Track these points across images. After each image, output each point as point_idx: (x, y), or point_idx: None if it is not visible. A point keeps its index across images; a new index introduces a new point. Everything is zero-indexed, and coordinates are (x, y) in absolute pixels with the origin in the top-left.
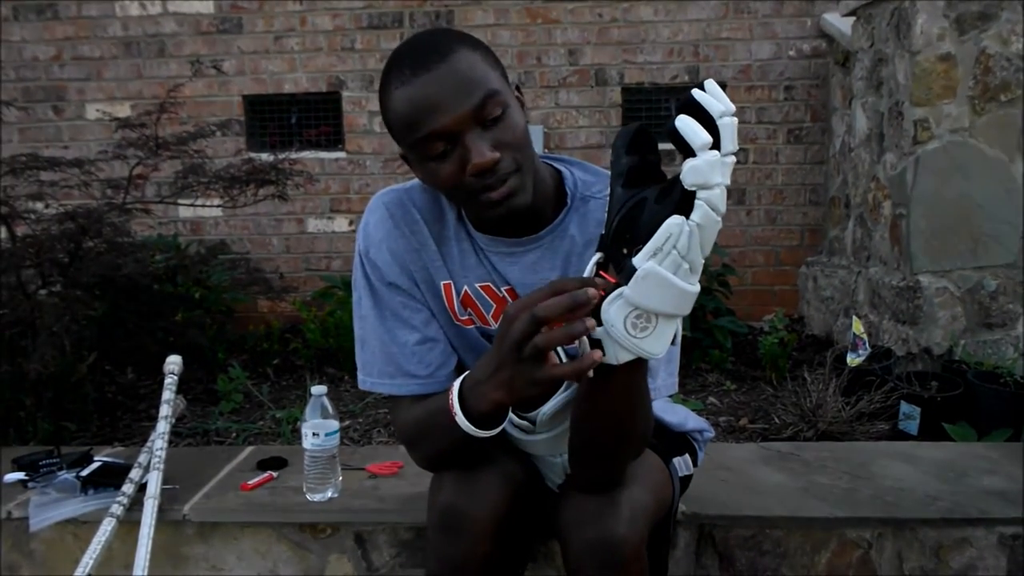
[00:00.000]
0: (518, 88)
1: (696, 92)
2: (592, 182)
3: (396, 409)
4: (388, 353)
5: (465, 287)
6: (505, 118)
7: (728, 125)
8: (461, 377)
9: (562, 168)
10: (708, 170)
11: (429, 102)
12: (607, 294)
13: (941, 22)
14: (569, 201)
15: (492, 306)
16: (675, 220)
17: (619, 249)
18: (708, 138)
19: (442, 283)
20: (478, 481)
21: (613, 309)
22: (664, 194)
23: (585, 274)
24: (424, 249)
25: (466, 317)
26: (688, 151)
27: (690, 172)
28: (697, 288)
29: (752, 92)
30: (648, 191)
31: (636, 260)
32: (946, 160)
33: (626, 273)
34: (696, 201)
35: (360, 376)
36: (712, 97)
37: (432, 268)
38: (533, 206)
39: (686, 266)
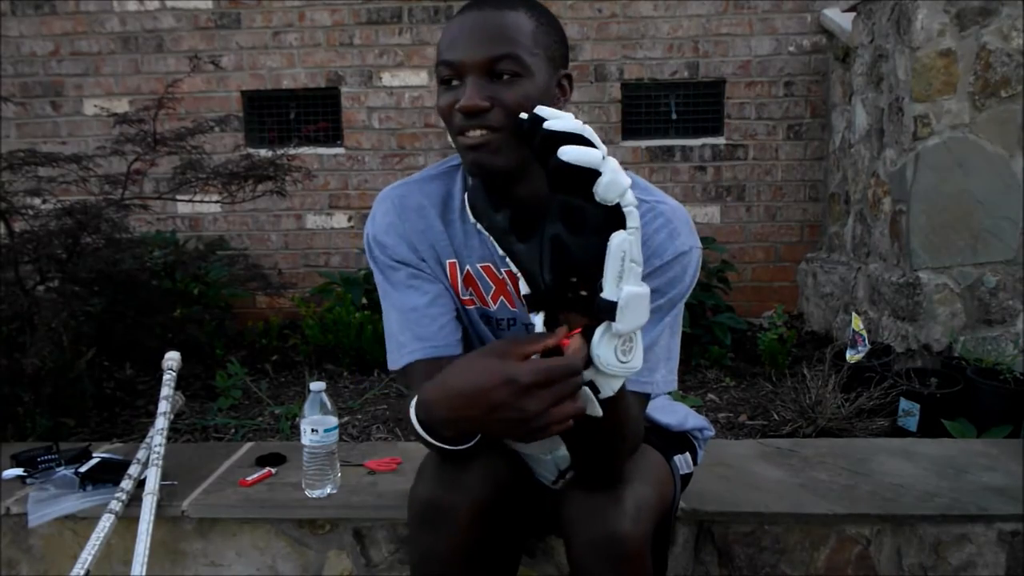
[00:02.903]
0: (568, 77)
1: (548, 121)
2: None
3: (410, 384)
4: (405, 320)
5: (468, 267)
6: (515, 83)
7: (588, 130)
8: (413, 403)
9: None
10: (621, 178)
11: (458, 35)
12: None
13: (941, 17)
14: None
15: (492, 288)
16: (621, 236)
17: (570, 294)
18: (602, 150)
19: (448, 262)
20: (458, 474)
21: (603, 349)
22: (572, 226)
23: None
24: (430, 230)
25: (467, 297)
26: (568, 180)
27: (610, 187)
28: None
29: (752, 88)
30: (546, 232)
31: (607, 294)
32: (946, 156)
33: (602, 310)
34: (625, 209)
35: (389, 360)
36: (554, 118)
37: (438, 247)
38: (540, 192)
39: (639, 270)
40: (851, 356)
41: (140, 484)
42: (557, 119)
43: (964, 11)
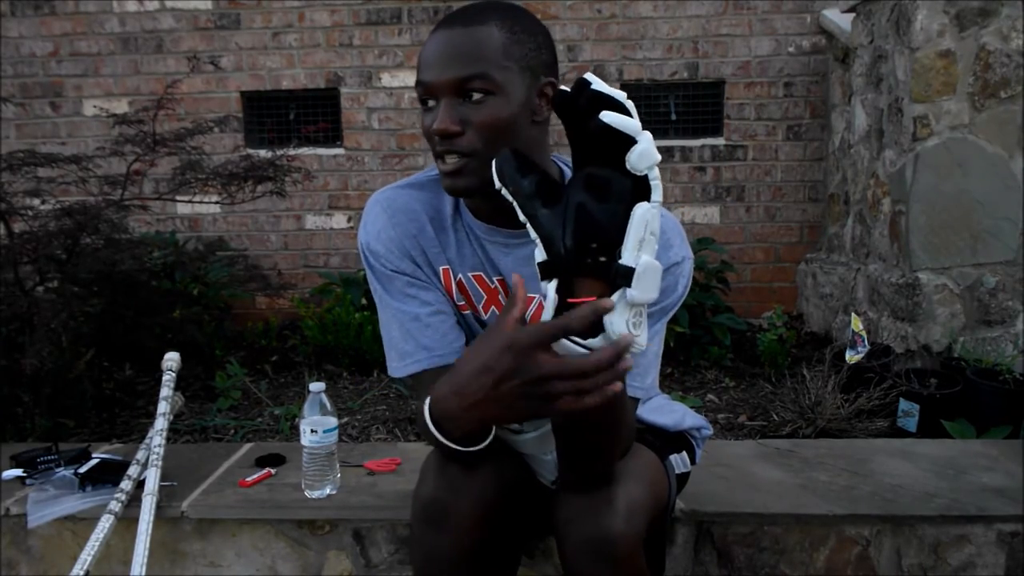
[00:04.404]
0: (552, 85)
1: (595, 83)
2: None
3: (418, 391)
4: (407, 330)
5: (460, 275)
6: (486, 103)
7: (631, 104)
8: (427, 403)
9: (563, 167)
10: (654, 151)
11: (430, 56)
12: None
13: (941, 18)
14: None
15: (483, 297)
16: (646, 207)
17: (590, 259)
18: (639, 123)
19: (441, 268)
20: (464, 476)
21: (616, 317)
22: (599, 195)
23: (548, 310)
24: (422, 235)
25: (461, 303)
26: (603, 145)
27: (643, 157)
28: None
29: (751, 88)
30: (571, 199)
31: (626, 260)
32: (946, 157)
33: (620, 274)
34: (652, 183)
35: (389, 367)
36: (604, 85)
37: (430, 254)
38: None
39: (656, 245)
40: (851, 357)
41: (140, 485)
42: (603, 84)
43: (964, 12)
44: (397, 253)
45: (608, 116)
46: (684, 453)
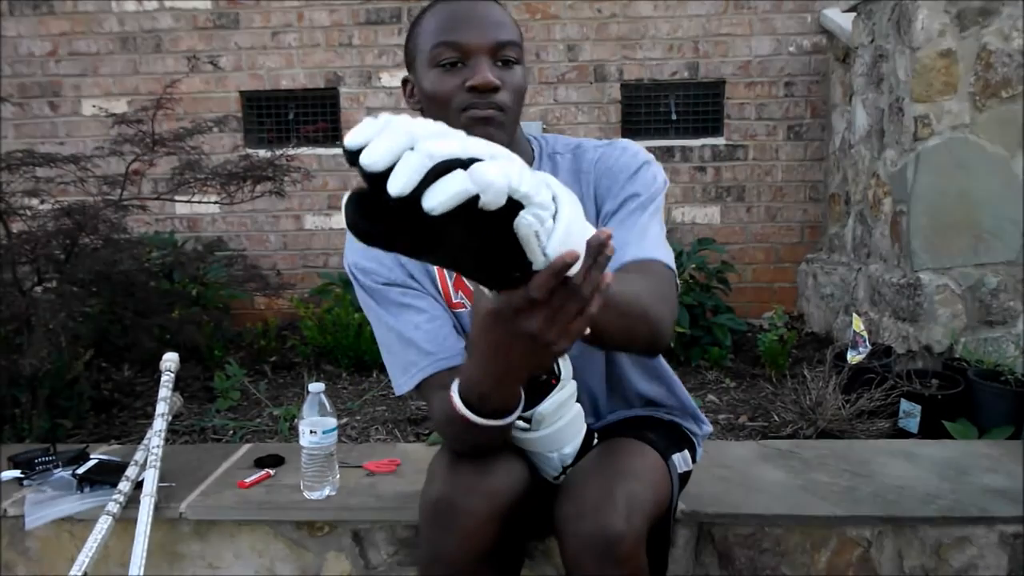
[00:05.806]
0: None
1: (361, 154)
2: (554, 143)
3: (427, 397)
4: (407, 341)
5: None
6: (515, 68)
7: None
8: (455, 386)
9: (530, 137)
10: (497, 179)
11: (465, 17)
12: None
13: (942, 18)
14: (537, 157)
15: None
16: (525, 220)
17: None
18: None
19: (435, 268)
20: (475, 473)
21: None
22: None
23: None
24: None
25: (458, 301)
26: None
27: (497, 195)
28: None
29: (752, 88)
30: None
31: (538, 265)
32: (947, 157)
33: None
34: (516, 197)
35: (395, 385)
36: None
37: None
38: None
39: (547, 216)
40: (852, 357)
41: (138, 486)
42: (360, 136)
43: (964, 11)
44: (388, 264)
45: (436, 204)
46: (685, 452)
